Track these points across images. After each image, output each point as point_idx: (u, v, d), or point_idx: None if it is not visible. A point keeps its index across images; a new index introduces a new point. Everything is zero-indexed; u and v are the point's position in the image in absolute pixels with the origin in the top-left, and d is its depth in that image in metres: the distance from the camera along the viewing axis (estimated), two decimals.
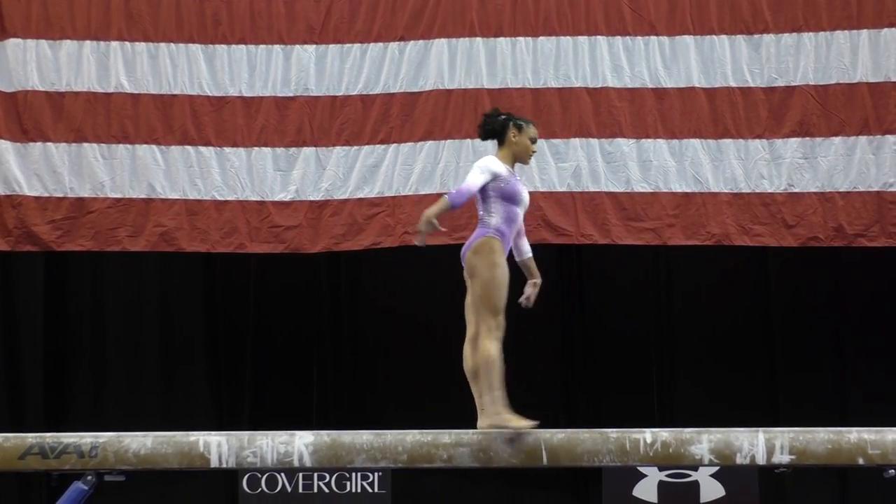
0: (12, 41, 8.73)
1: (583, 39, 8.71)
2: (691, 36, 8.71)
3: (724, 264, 9.15)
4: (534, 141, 6.25)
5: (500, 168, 6.09)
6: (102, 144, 8.78)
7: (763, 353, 9.53)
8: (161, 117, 8.74)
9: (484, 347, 6.07)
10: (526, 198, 6.20)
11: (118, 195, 8.72)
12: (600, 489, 8.69)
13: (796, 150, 8.63)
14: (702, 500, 8.65)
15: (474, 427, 6.12)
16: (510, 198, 6.10)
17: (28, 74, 8.74)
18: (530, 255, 6.38)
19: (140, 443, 6.01)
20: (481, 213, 6.14)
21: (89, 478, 6.03)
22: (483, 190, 6.09)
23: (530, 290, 6.36)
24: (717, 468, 8.43)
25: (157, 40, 8.76)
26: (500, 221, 6.10)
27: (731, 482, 8.61)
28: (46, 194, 8.69)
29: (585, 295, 9.60)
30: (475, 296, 6.10)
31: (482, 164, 6.09)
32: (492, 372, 6.10)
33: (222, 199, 8.69)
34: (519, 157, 6.23)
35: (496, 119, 6.26)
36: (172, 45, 8.76)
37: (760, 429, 6.05)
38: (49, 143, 8.70)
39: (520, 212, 6.16)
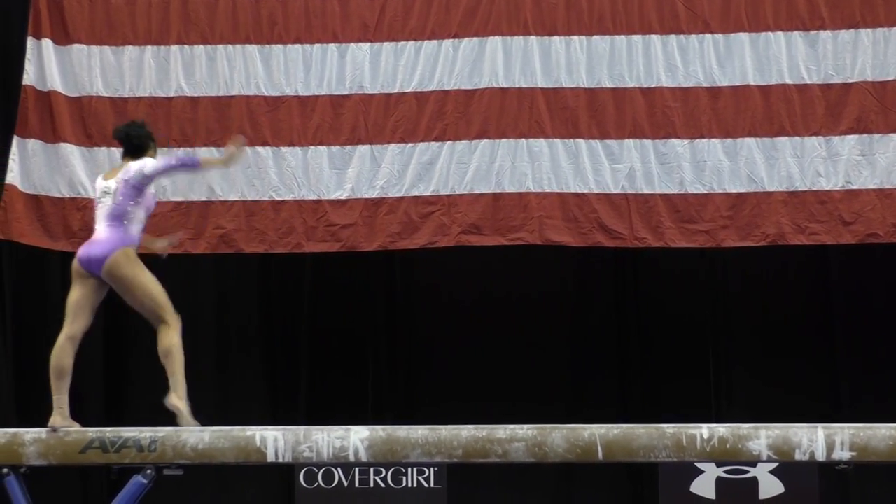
0: (76, 46, 8.82)
1: (637, 38, 8.66)
2: (746, 33, 8.60)
3: (783, 254, 9.02)
4: None
5: None
6: (164, 148, 8.86)
7: (823, 346, 9.43)
8: (219, 119, 8.78)
9: (170, 341, 6.51)
10: None
11: (179, 198, 8.76)
12: (657, 485, 8.63)
13: (854, 146, 8.51)
14: (760, 497, 8.53)
15: (529, 422, 6.14)
16: (150, 209, 6.60)
17: (92, 80, 8.81)
18: None
19: (198, 437, 6.09)
20: (124, 220, 6.46)
21: (149, 472, 6.11)
22: (141, 195, 6.49)
23: None
24: (776, 464, 8.34)
25: (214, 42, 8.80)
26: (139, 230, 6.53)
27: (790, 479, 8.49)
28: None
29: (641, 283, 9.56)
30: (139, 299, 6.49)
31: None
32: (178, 362, 6.52)
33: (279, 198, 8.72)
34: None
35: (143, 130, 6.72)
36: (230, 46, 8.79)
37: (820, 425, 6.01)
38: (113, 149, 8.70)
39: None
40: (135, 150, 6.66)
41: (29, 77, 8.77)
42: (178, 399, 6.41)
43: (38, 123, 8.75)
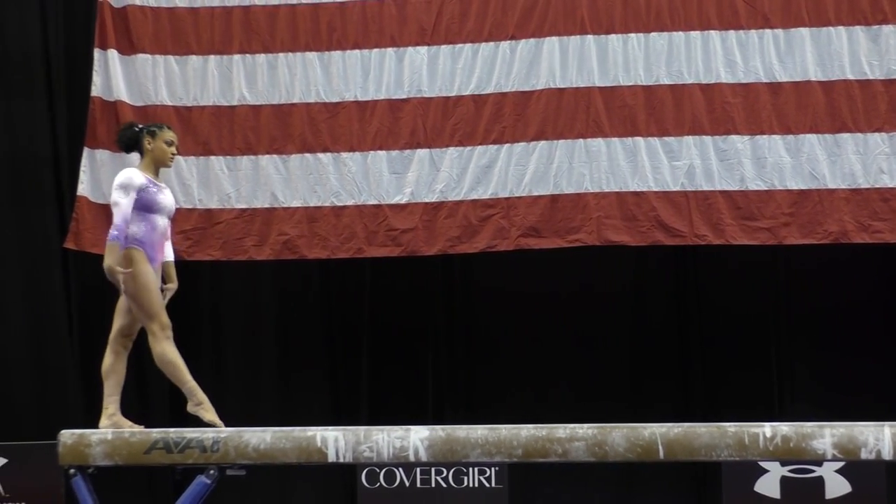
0: (141, 56, 8.96)
1: (695, 34, 8.60)
2: (807, 28, 8.51)
3: (846, 249, 8.85)
4: (170, 144, 6.63)
5: (140, 179, 6.48)
6: (228, 157, 8.97)
7: (889, 342, 9.25)
8: (281, 126, 8.88)
9: (156, 352, 6.47)
10: (168, 204, 6.60)
11: (243, 206, 8.88)
12: (720, 484, 8.56)
13: None
14: (827, 497, 8.40)
15: (588, 421, 6.11)
16: (149, 208, 6.48)
17: (157, 89, 8.96)
18: (169, 259, 6.74)
19: (259, 438, 6.12)
20: (128, 224, 6.42)
21: (212, 472, 6.17)
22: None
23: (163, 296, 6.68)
24: (842, 464, 8.22)
25: (275, 51, 8.91)
26: (139, 231, 6.44)
27: (857, 478, 8.34)
28: (177, 206, 8.91)
29: (700, 279, 9.49)
30: (133, 304, 6.49)
31: (122, 183, 6.44)
32: (175, 371, 6.50)
33: (340, 204, 8.80)
34: (158, 163, 6.63)
35: (128, 131, 6.71)
36: (290, 54, 8.88)
37: (886, 423, 5.88)
38: (179, 157, 8.89)
39: (161, 219, 6.53)
40: (129, 151, 6.78)
41: (96, 88, 8.94)
42: (194, 405, 6.52)
43: (106, 133, 8.88)
